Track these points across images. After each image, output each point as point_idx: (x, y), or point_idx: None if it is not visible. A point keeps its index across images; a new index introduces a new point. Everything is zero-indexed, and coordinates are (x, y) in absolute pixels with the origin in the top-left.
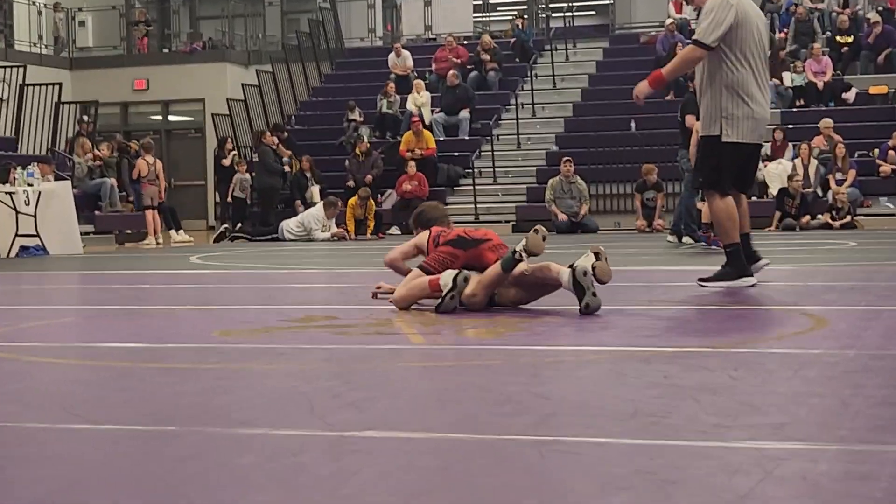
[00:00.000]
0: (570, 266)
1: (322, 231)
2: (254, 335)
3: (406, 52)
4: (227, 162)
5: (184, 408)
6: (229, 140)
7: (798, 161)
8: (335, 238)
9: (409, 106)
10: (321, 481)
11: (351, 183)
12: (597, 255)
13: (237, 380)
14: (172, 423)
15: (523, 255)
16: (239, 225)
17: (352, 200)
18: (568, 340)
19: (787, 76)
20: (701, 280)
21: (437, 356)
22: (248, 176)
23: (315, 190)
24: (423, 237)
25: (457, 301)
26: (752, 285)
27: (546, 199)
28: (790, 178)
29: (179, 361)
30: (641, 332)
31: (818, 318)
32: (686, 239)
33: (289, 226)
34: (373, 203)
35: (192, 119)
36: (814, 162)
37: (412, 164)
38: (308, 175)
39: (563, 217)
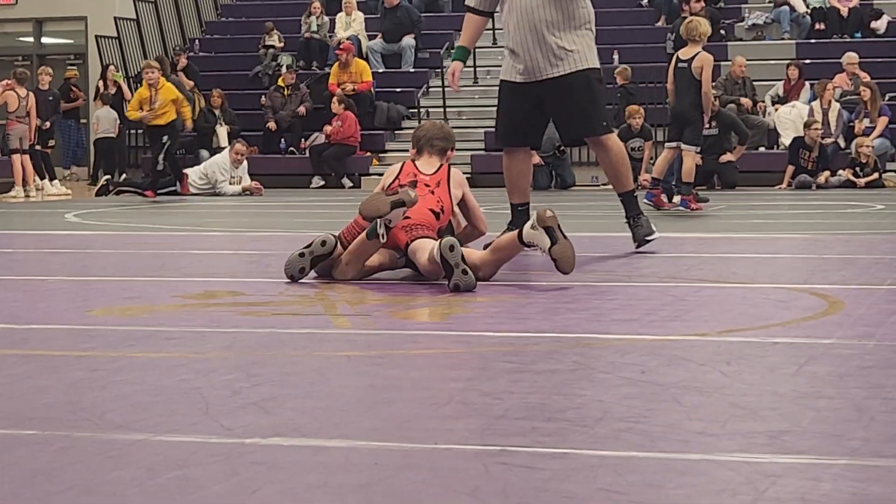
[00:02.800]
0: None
1: (231, 184)
2: (138, 315)
3: None
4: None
5: (47, 407)
6: (112, 68)
7: (816, 104)
8: (247, 192)
9: (338, 30)
10: (210, 502)
11: (272, 124)
12: (549, 230)
13: (115, 371)
14: (32, 426)
15: (384, 229)
16: (124, 176)
17: None
18: (527, 325)
19: (802, 0)
20: (640, 240)
21: (363, 344)
22: (112, 112)
23: (223, 132)
24: (388, 175)
25: (304, 264)
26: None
27: None
28: (807, 125)
29: (45, 347)
30: (617, 315)
31: (833, 299)
32: (678, 198)
33: (190, 177)
34: None
35: (70, 42)
36: (835, 106)
37: (336, 99)
38: (217, 114)
39: (537, 160)
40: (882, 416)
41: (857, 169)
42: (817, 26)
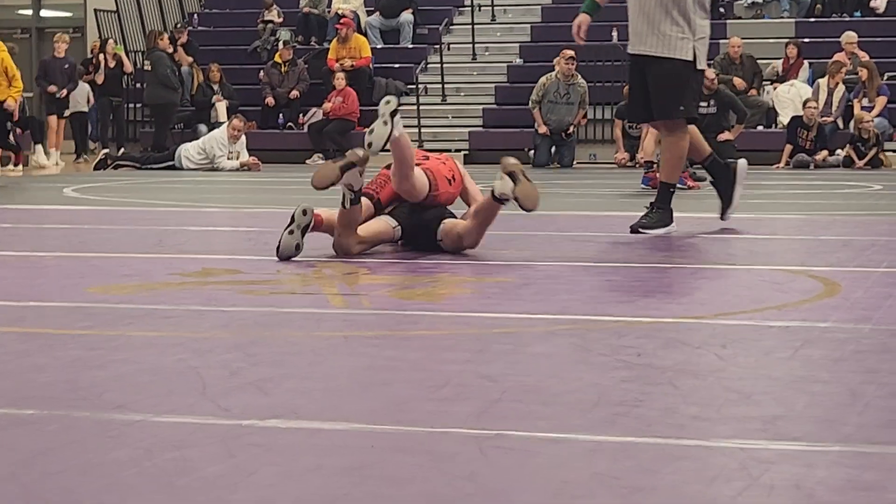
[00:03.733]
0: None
1: (229, 158)
2: (136, 292)
3: None
4: (99, 78)
5: (45, 386)
6: (111, 41)
7: (823, 81)
8: (245, 168)
9: (336, 4)
10: (207, 484)
11: (270, 100)
12: (512, 174)
13: (113, 350)
14: (29, 406)
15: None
16: (122, 150)
17: None
18: (523, 306)
19: None
20: (637, 227)
21: (361, 324)
22: (85, 86)
23: (221, 107)
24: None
25: (297, 239)
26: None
27: (531, 100)
28: (805, 103)
29: (42, 325)
30: (613, 297)
31: (829, 282)
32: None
33: (188, 152)
34: None
35: (69, 15)
36: (841, 87)
37: (340, 76)
38: (215, 88)
39: (544, 130)
40: (877, 401)
41: (858, 146)
42: (817, 5)
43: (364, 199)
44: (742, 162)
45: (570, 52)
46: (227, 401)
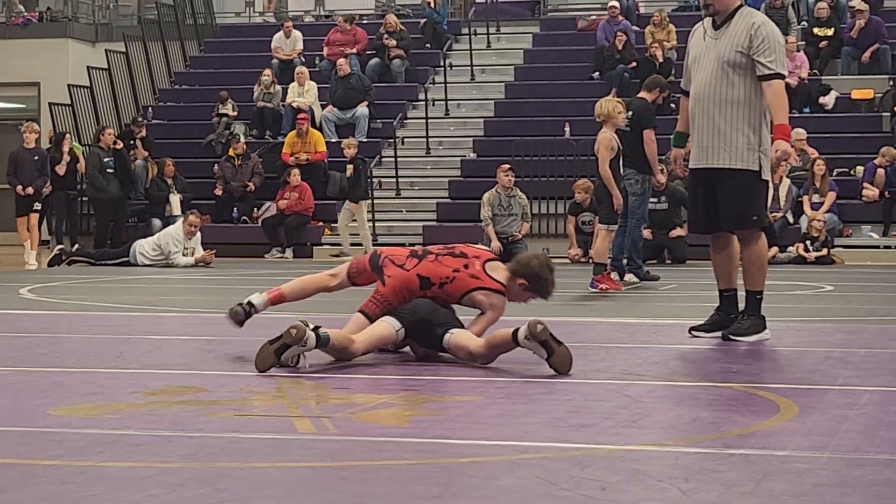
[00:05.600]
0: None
1: (184, 255)
2: (101, 414)
3: (297, 34)
4: (61, 169)
5: None
6: (69, 137)
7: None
8: (201, 264)
9: (290, 99)
10: None
11: (219, 190)
12: (545, 344)
13: (85, 485)
14: None
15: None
16: (76, 245)
17: None
18: (488, 432)
19: None
20: (729, 334)
21: (328, 453)
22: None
23: (175, 200)
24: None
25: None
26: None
27: (483, 218)
28: None
29: (11, 454)
30: (576, 419)
31: (786, 402)
32: (629, 277)
33: (143, 248)
34: None
35: (23, 107)
36: (786, 182)
37: (295, 173)
38: (169, 182)
39: (497, 245)
40: None
41: (808, 243)
42: None
43: (361, 317)
44: (766, 334)
45: (507, 165)
46: None
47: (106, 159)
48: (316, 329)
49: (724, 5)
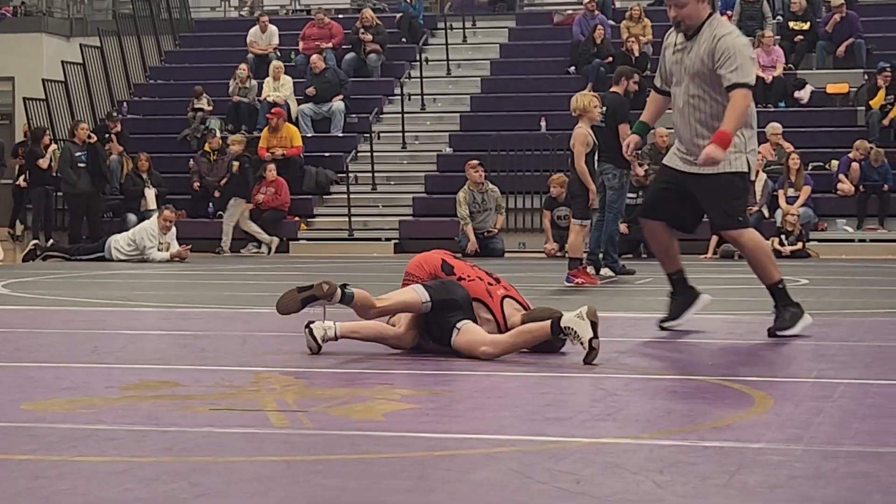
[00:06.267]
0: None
1: (159, 250)
2: (75, 409)
3: (273, 28)
4: (44, 163)
5: None
6: (48, 134)
7: None
8: (176, 259)
9: (266, 93)
10: None
11: (197, 184)
12: (594, 326)
13: (58, 479)
14: None
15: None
16: (51, 241)
17: None
18: (463, 425)
19: None
20: (775, 331)
21: (303, 447)
22: None
23: (151, 195)
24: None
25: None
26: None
27: (460, 217)
28: None
29: None
30: (551, 412)
31: (761, 395)
32: (605, 271)
33: (118, 243)
34: None
35: None
36: (762, 176)
37: (271, 168)
38: (144, 177)
39: (473, 244)
40: None
41: (783, 237)
42: None
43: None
44: (706, 297)
45: (476, 161)
46: None
47: (78, 153)
48: (343, 286)
49: (694, 20)
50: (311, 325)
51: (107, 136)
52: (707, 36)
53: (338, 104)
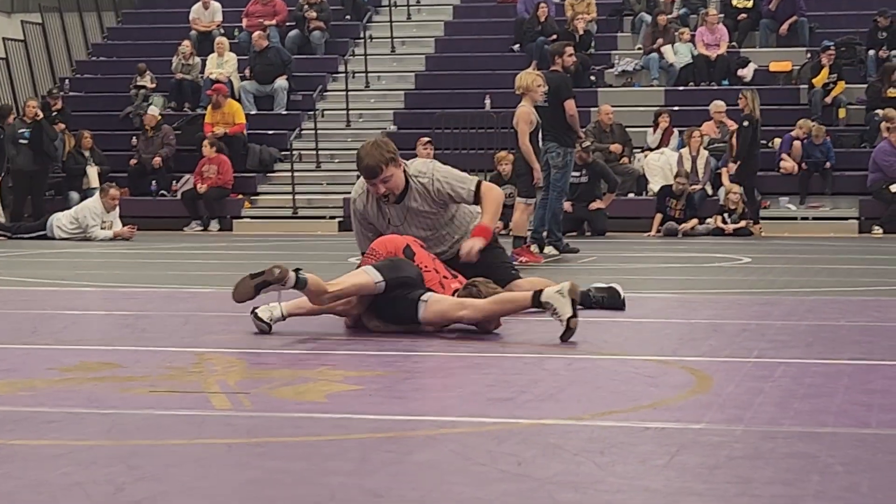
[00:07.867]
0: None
1: (103, 228)
2: (15, 391)
3: (216, 5)
4: None
5: None
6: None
7: (685, 152)
8: (119, 237)
9: (209, 70)
10: None
11: (133, 161)
12: (574, 303)
13: None
14: None
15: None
16: None
17: None
18: (404, 406)
19: (671, 48)
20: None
21: (244, 429)
22: None
23: (93, 173)
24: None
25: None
26: None
27: None
28: (676, 175)
29: None
30: (494, 393)
31: (701, 374)
32: (549, 249)
33: (60, 221)
34: None
35: None
36: (704, 153)
37: (206, 143)
38: (86, 155)
39: None
40: None
41: (726, 215)
42: (685, 79)
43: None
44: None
45: (426, 139)
46: None
47: (21, 130)
48: (297, 270)
49: (399, 189)
50: (256, 310)
51: (50, 114)
52: (417, 192)
53: (280, 82)
